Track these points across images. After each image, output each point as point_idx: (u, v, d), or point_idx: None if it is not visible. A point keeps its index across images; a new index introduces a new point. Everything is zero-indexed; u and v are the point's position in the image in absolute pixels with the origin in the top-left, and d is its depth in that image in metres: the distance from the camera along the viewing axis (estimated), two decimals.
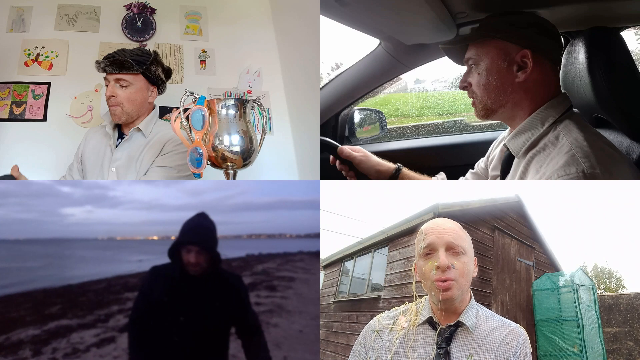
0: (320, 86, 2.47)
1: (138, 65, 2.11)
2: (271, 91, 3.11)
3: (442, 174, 1.98)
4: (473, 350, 0.86)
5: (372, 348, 0.96)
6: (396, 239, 3.24)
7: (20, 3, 2.98)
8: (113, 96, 2.10)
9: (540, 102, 1.39)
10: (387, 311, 1.02)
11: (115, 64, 2.08)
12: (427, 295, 0.96)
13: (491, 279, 3.06)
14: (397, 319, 0.97)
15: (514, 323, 0.91)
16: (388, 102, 3.23)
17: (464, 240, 0.92)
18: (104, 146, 2.22)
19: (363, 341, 0.99)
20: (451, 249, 0.89)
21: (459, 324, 0.89)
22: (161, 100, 2.43)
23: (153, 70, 2.17)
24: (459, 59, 1.57)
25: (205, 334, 1.24)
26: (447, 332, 0.89)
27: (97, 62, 2.13)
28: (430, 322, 0.93)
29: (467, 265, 0.90)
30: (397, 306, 1.03)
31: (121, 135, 2.22)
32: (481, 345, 0.87)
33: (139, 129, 2.17)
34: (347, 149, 1.86)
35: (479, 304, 0.94)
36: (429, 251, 0.90)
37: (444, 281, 0.87)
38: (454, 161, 2.51)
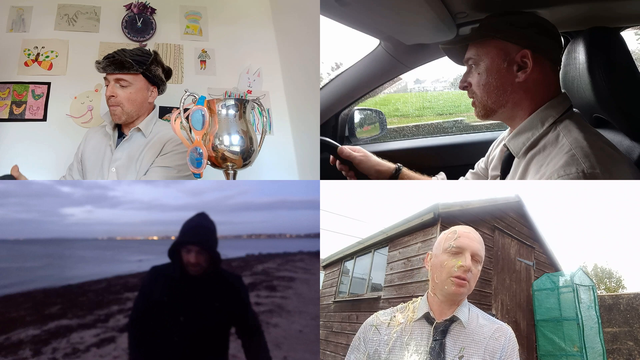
0: (320, 86, 2.46)
1: (138, 65, 2.10)
2: (271, 91, 3.11)
3: (442, 174, 1.98)
4: (466, 344, 0.93)
5: (370, 342, 1.01)
6: (396, 239, 3.24)
7: (20, 3, 2.98)
8: (113, 96, 2.09)
9: (540, 102, 1.39)
10: (383, 310, 1.08)
11: (115, 64, 2.07)
12: (421, 296, 1.04)
13: (491, 279, 3.06)
14: (394, 315, 1.03)
15: (502, 322, 0.98)
16: (388, 102, 3.23)
17: (482, 256, 1.01)
18: (104, 146, 2.22)
19: (362, 336, 1.04)
20: (475, 256, 0.97)
21: (453, 319, 0.96)
22: (161, 100, 2.43)
23: (153, 70, 2.16)
24: (459, 59, 1.57)
25: (205, 334, 1.24)
26: (442, 325, 0.95)
27: (97, 62, 2.12)
28: (426, 317, 0.98)
29: (478, 274, 0.99)
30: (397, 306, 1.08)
31: (121, 135, 2.22)
32: (472, 339, 0.93)
33: (139, 129, 2.17)
34: (347, 149, 1.85)
35: (470, 303, 1.00)
36: (458, 251, 0.97)
37: (462, 279, 0.95)
38: (454, 161, 2.51)
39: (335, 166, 1.91)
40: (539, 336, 3.43)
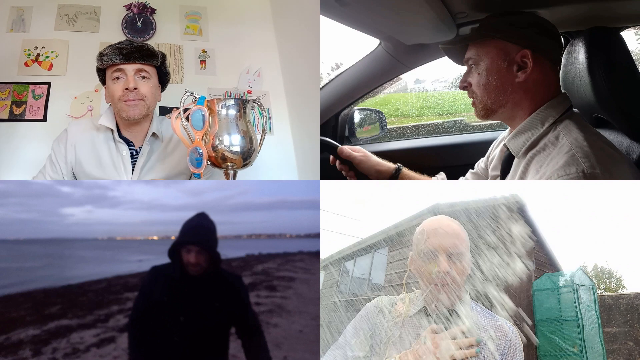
0: (320, 86, 2.47)
1: (160, 56, 1.87)
2: (271, 91, 3.11)
3: (442, 174, 1.98)
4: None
5: (374, 324, 0.99)
6: (396, 239, 3.25)
7: (20, 3, 2.98)
8: (136, 88, 1.80)
9: (540, 102, 1.39)
10: (386, 296, 1.05)
11: (141, 51, 1.79)
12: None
13: None
14: (396, 303, 1.00)
15: (503, 319, 0.94)
16: (388, 102, 3.23)
17: (463, 242, 0.95)
18: (113, 157, 1.95)
19: (365, 315, 1.01)
20: (451, 255, 0.92)
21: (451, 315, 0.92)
22: (161, 100, 2.43)
23: (166, 65, 1.95)
24: (459, 59, 1.57)
25: (205, 334, 1.24)
26: (440, 322, 0.92)
27: (118, 49, 1.78)
28: (425, 312, 0.95)
29: (464, 267, 0.93)
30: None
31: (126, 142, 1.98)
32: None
33: (155, 135, 1.96)
34: (347, 149, 1.86)
35: (473, 301, 0.97)
36: (430, 254, 0.93)
37: (442, 284, 0.90)
38: (454, 161, 2.51)
39: (335, 166, 1.91)
40: (539, 336, 3.44)
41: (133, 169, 1.97)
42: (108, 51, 1.82)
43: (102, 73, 1.90)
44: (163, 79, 1.98)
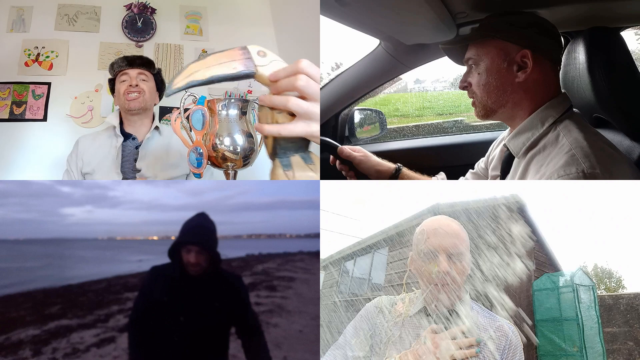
0: (320, 86, 2.46)
1: (157, 68, 2.33)
2: None
3: (442, 174, 1.98)
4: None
5: (374, 324, 0.99)
6: (396, 239, 3.25)
7: (20, 3, 2.98)
8: (137, 85, 2.21)
9: (540, 102, 1.39)
10: (386, 296, 1.05)
11: (142, 59, 2.26)
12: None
13: None
14: (396, 303, 1.00)
15: (503, 319, 0.94)
16: (388, 102, 3.23)
17: (463, 242, 0.95)
18: (108, 149, 2.26)
19: (365, 315, 1.01)
20: (451, 255, 0.92)
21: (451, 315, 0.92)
22: (161, 101, 2.43)
23: (161, 75, 2.36)
24: (459, 59, 1.57)
25: (205, 334, 1.24)
26: (440, 322, 0.92)
27: (124, 58, 2.23)
28: (425, 312, 0.95)
29: (464, 267, 0.93)
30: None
31: (127, 137, 2.27)
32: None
33: (157, 128, 2.31)
34: (347, 149, 1.86)
35: (473, 301, 0.97)
36: (430, 254, 0.93)
37: (443, 284, 0.90)
38: (454, 161, 2.51)
39: (335, 166, 1.91)
40: (539, 336, 3.43)
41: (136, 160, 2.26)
42: (116, 60, 2.24)
43: (112, 83, 2.29)
44: (159, 86, 2.35)
